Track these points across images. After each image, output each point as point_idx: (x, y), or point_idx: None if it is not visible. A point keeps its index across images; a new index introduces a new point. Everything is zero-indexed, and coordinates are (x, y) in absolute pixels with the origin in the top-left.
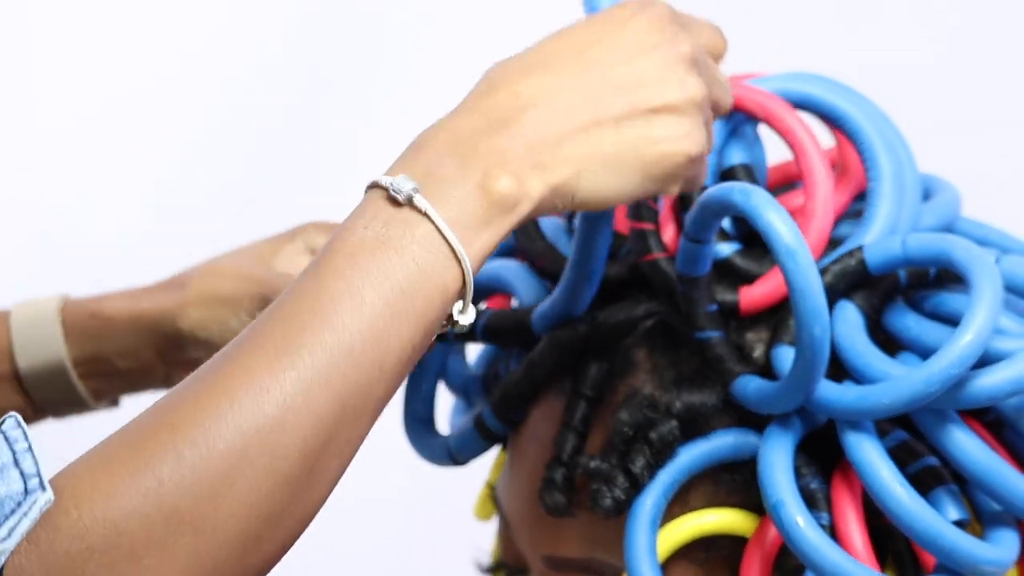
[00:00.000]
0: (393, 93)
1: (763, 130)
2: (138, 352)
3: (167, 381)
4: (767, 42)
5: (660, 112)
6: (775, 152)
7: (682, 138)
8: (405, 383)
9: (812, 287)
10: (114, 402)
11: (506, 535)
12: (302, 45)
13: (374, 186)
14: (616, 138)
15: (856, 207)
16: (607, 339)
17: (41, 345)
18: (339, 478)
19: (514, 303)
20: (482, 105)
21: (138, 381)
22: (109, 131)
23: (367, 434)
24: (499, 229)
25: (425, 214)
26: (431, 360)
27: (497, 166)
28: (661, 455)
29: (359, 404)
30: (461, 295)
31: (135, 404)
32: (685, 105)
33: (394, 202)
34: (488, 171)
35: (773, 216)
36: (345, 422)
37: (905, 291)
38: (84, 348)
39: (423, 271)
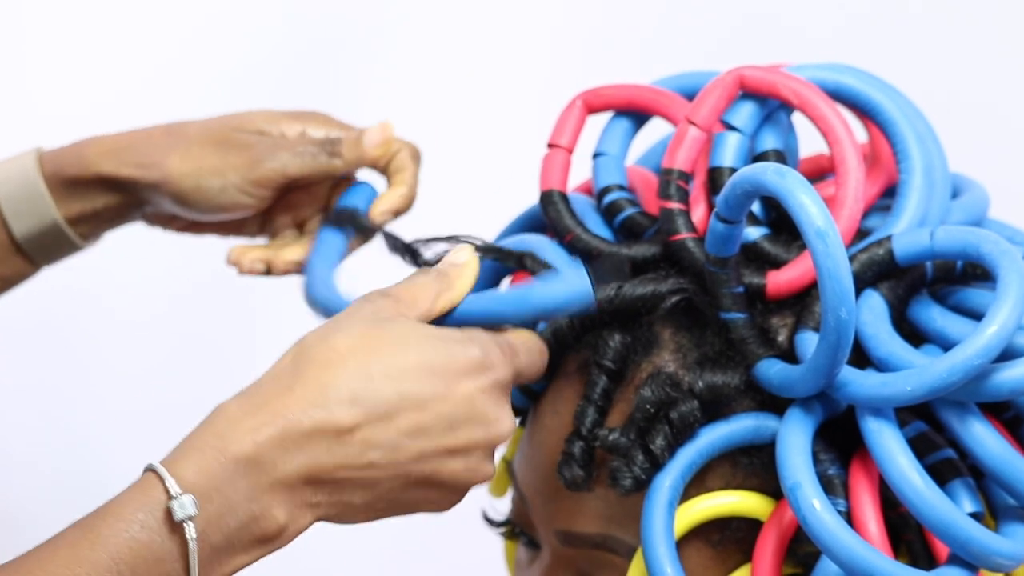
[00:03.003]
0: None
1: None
2: (124, 209)
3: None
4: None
5: (443, 486)
6: (806, 145)
7: (441, 507)
8: None
9: (840, 269)
10: (98, 238)
11: (521, 510)
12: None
13: (157, 480)
14: (391, 500)
15: (885, 201)
16: (631, 311)
17: (33, 213)
18: None
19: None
20: (296, 415)
21: (125, 221)
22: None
23: None
24: (251, 559)
25: (187, 548)
26: None
27: (281, 503)
28: (681, 435)
29: None
30: None
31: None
32: (467, 486)
33: (168, 513)
34: (269, 507)
35: (805, 198)
36: None
37: (930, 284)
38: (72, 208)
39: None
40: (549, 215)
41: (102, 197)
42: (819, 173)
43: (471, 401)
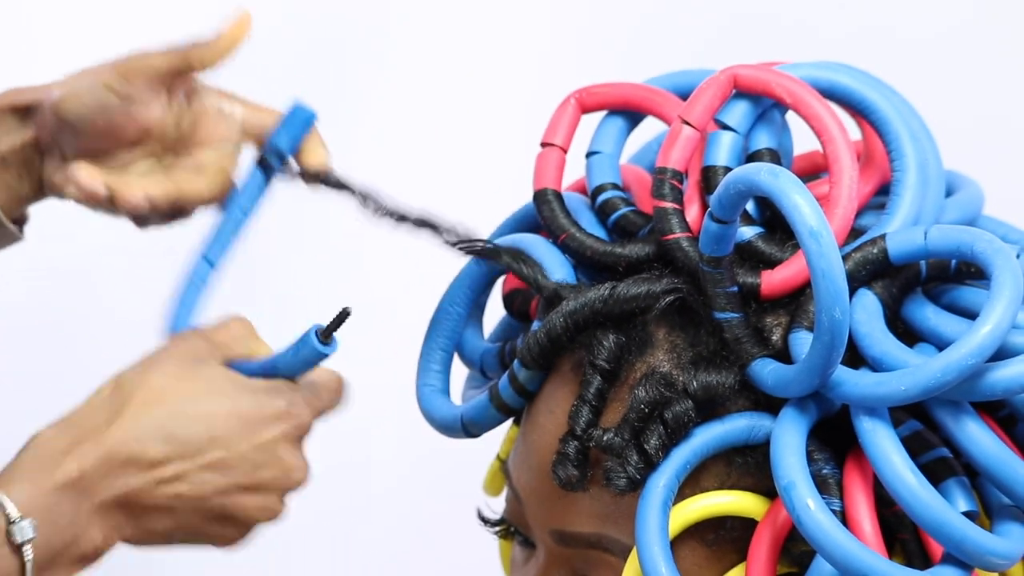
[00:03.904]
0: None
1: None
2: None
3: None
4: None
5: (235, 522)
6: (800, 142)
7: (230, 541)
8: (419, 355)
9: (834, 269)
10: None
11: (515, 509)
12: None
13: None
14: (190, 530)
15: (879, 200)
16: (626, 311)
17: None
18: None
19: None
20: (117, 444)
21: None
22: None
23: None
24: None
25: (25, 566)
26: (445, 332)
27: (96, 526)
28: (675, 435)
29: None
30: None
31: None
32: (255, 522)
33: (8, 535)
34: (87, 531)
35: (798, 198)
36: None
37: (924, 283)
38: None
39: None
40: (543, 214)
41: (9, 134)
42: (814, 170)
43: (273, 447)
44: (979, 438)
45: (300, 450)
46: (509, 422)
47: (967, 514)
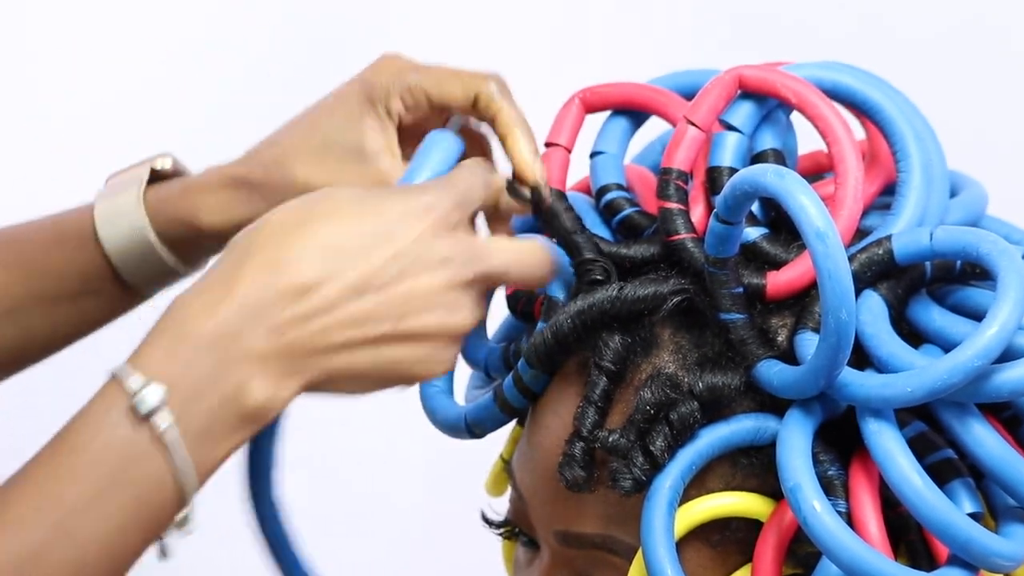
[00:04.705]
0: None
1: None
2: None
3: None
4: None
5: (416, 339)
6: (804, 142)
7: (425, 363)
8: None
9: (840, 271)
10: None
11: (519, 510)
12: (294, 43)
13: (119, 379)
14: (371, 358)
15: (884, 200)
16: (632, 312)
17: (147, 264)
18: None
19: None
20: (252, 284)
21: None
22: (103, 130)
23: None
24: (241, 438)
25: (163, 436)
26: None
27: (255, 375)
28: (681, 436)
29: None
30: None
31: None
32: (442, 336)
33: (134, 411)
34: (244, 380)
35: (804, 199)
36: None
37: (929, 284)
38: (185, 254)
39: (156, 491)
40: (543, 217)
41: (215, 243)
42: (818, 170)
43: (437, 241)
44: (984, 439)
45: (470, 236)
46: (512, 422)
47: (972, 515)
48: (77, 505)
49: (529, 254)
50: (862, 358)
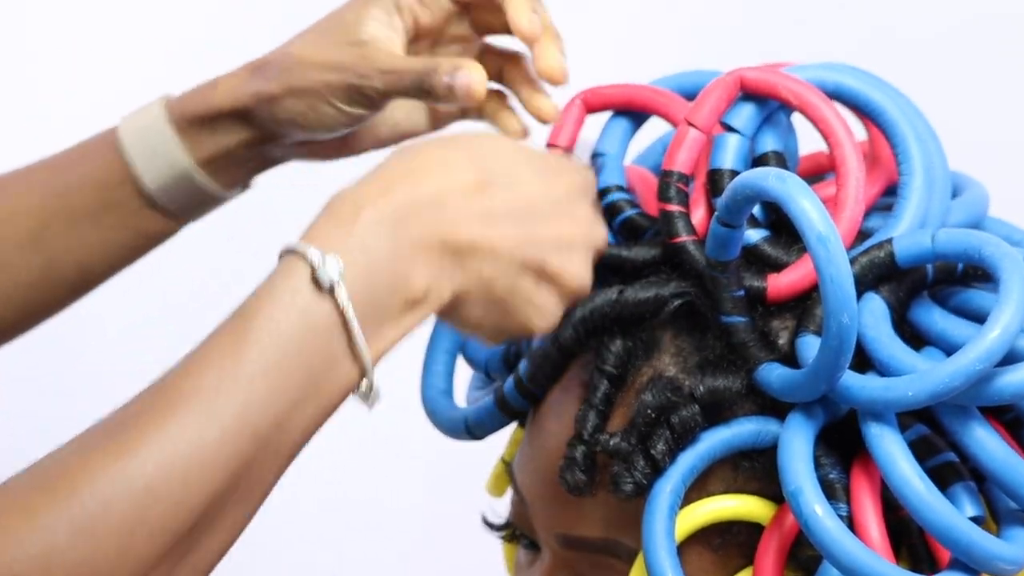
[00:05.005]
0: None
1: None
2: (255, 144)
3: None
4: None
5: (552, 282)
6: (805, 143)
7: (547, 315)
8: (424, 356)
9: (842, 275)
10: (246, 186)
11: (520, 512)
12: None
13: (298, 253)
14: (512, 284)
15: (885, 201)
16: (633, 316)
17: (164, 163)
18: (244, 526)
19: None
20: (429, 175)
21: (264, 162)
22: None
23: (257, 504)
24: (406, 328)
25: (342, 311)
26: (450, 333)
27: (420, 265)
28: (682, 439)
29: (253, 480)
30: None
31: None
32: (571, 288)
33: (315, 282)
34: (410, 270)
35: (806, 203)
36: (239, 489)
37: (931, 286)
38: (203, 150)
39: (331, 366)
40: None
41: (229, 134)
42: (818, 171)
43: (589, 206)
44: (986, 443)
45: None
46: (513, 424)
47: (974, 519)
48: (256, 372)
49: None
50: (864, 361)
